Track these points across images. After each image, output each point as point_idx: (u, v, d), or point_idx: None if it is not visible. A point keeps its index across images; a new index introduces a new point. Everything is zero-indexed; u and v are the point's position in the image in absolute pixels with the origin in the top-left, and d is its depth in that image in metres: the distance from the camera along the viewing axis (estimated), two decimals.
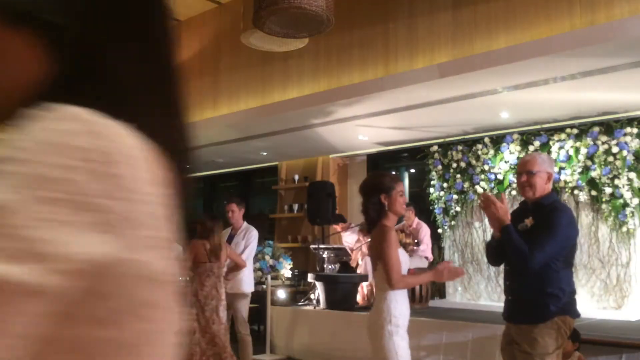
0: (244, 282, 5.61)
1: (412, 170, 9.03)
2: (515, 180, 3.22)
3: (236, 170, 10.66)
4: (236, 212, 5.69)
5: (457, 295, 7.53)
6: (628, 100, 5.81)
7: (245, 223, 5.80)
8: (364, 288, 7.36)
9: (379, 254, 3.00)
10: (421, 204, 8.09)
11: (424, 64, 5.50)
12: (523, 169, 3.13)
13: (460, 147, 7.58)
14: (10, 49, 0.53)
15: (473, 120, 6.76)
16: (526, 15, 4.91)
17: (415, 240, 7.17)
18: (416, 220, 7.34)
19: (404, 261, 3.08)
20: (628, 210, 6.20)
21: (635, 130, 6.22)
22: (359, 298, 7.27)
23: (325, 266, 7.41)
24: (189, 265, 4.94)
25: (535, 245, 2.88)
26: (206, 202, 11.94)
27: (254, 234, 5.77)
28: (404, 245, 7.17)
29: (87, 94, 0.53)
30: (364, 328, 6.84)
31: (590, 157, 6.47)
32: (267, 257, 6.90)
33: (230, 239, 5.62)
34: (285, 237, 9.17)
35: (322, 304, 6.91)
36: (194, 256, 4.99)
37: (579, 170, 6.54)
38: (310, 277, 7.19)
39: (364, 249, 7.48)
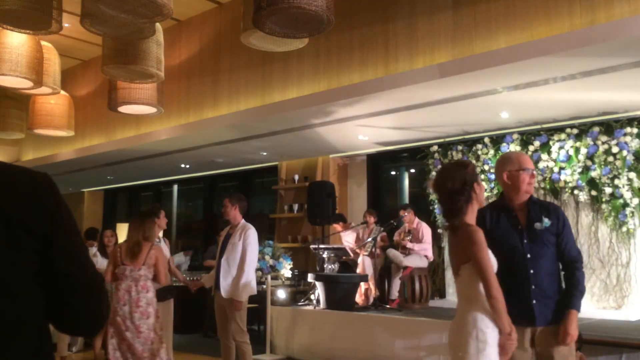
0: (239, 288, 5.16)
1: (412, 170, 9.03)
2: (522, 179, 2.98)
3: (236, 170, 10.66)
4: (228, 207, 5.31)
5: (457, 295, 7.52)
6: (628, 100, 5.81)
7: (242, 221, 5.40)
8: (362, 288, 7.37)
9: (465, 258, 2.64)
10: (421, 204, 8.09)
11: (424, 64, 5.50)
12: (532, 166, 3.02)
13: (460, 147, 7.58)
14: None
15: (473, 120, 6.75)
16: (526, 15, 4.91)
17: (407, 237, 7.17)
18: (416, 220, 7.33)
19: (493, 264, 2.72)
20: (628, 210, 6.20)
21: (635, 130, 6.22)
22: (357, 298, 7.27)
23: (325, 266, 7.40)
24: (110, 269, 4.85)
25: (577, 250, 3.03)
26: (206, 202, 11.94)
27: (250, 232, 5.26)
28: (402, 245, 7.18)
29: None
30: (365, 328, 6.83)
31: (590, 157, 6.47)
32: (267, 257, 6.90)
33: (228, 239, 5.36)
34: (285, 237, 9.17)
35: (322, 304, 6.91)
36: (113, 260, 4.87)
37: (579, 170, 6.54)
38: (310, 277, 7.19)
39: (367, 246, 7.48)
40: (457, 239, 2.71)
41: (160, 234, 5.65)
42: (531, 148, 6.88)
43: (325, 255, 7.44)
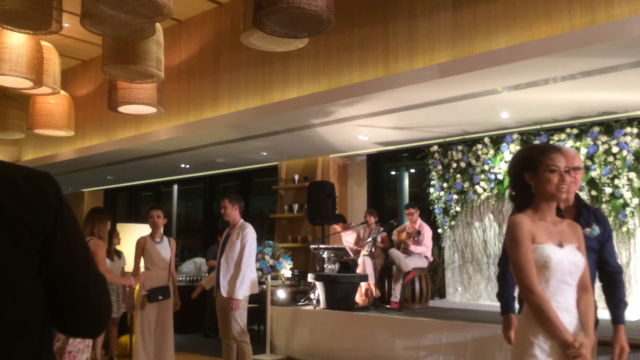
0: (236, 287, 5.14)
1: (412, 170, 9.04)
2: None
3: (236, 170, 10.66)
4: (228, 209, 5.33)
5: (457, 295, 7.53)
6: (628, 100, 5.81)
7: (241, 221, 5.40)
8: (362, 288, 7.37)
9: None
10: (421, 204, 8.10)
11: (424, 64, 5.50)
12: (572, 164, 2.65)
13: (460, 147, 7.58)
14: None
15: (473, 120, 6.76)
16: (526, 15, 4.91)
17: (415, 237, 7.16)
18: (419, 221, 7.32)
19: (572, 262, 2.26)
20: (628, 210, 6.20)
21: (635, 130, 6.23)
22: (358, 298, 7.27)
23: (325, 266, 7.41)
24: None
25: (616, 260, 3.03)
26: (206, 202, 11.94)
27: (248, 231, 5.27)
28: (404, 245, 7.17)
29: None
30: (365, 328, 6.84)
31: (590, 157, 6.48)
32: (267, 257, 6.90)
33: (227, 239, 5.39)
34: (285, 237, 9.17)
35: (322, 304, 6.91)
36: None
37: None
38: (310, 277, 7.19)
39: (367, 247, 7.48)
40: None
41: (161, 231, 5.65)
42: None
43: (325, 255, 7.44)
